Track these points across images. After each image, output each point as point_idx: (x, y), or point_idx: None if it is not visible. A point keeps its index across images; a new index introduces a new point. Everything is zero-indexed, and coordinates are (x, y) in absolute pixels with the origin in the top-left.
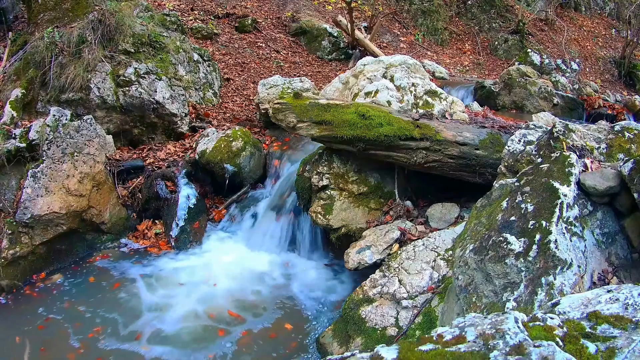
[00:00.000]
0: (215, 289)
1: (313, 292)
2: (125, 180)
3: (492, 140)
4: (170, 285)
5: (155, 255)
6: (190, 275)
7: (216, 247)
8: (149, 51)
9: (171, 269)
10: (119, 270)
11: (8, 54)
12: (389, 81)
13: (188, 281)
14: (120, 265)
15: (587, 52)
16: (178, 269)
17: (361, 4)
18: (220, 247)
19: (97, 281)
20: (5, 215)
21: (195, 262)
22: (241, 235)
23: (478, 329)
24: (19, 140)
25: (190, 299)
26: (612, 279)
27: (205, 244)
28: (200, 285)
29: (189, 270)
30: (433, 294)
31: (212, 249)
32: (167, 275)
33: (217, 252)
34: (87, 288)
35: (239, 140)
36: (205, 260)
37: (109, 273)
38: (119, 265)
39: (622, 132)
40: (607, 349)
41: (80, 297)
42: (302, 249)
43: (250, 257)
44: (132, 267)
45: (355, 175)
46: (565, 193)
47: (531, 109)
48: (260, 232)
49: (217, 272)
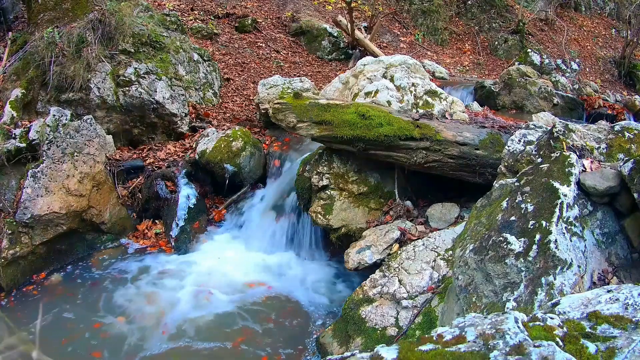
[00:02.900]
0: (215, 289)
1: (313, 292)
2: (125, 180)
3: (492, 140)
4: (170, 285)
5: (156, 255)
6: (190, 275)
7: (216, 247)
8: (149, 51)
9: (171, 268)
10: (119, 270)
11: (8, 54)
12: (389, 81)
13: (188, 281)
14: (120, 265)
15: (587, 52)
16: (178, 269)
17: (361, 4)
18: (220, 247)
19: (97, 281)
20: (5, 215)
21: (195, 262)
22: (241, 235)
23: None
24: (19, 140)
25: (190, 298)
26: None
27: (205, 244)
28: (200, 285)
29: (189, 270)
30: (433, 294)
31: (212, 249)
32: (167, 275)
33: (217, 252)
34: (87, 288)
35: (239, 140)
36: (205, 260)
37: (109, 273)
38: (119, 265)
39: (622, 132)
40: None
41: (80, 297)
42: (302, 249)
43: (250, 257)
44: (132, 267)
45: (355, 175)
46: (565, 193)
47: (531, 109)
48: (260, 232)
49: (217, 272)
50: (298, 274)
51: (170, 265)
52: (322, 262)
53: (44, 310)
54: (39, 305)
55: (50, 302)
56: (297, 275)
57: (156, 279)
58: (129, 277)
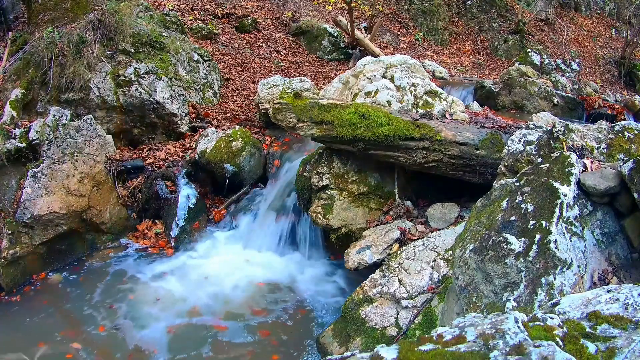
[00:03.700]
0: (214, 289)
1: (313, 292)
2: (125, 180)
3: (492, 140)
4: (170, 285)
5: (155, 255)
6: (190, 275)
7: (216, 247)
8: (149, 51)
9: (171, 268)
10: (119, 270)
11: (8, 54)
12: (389, 81)
13: (188, 281)
14: (120, 265)
15: (587, 52)
16: (178, 269)
17: (361, 4)
18: (220, 247)
19: (97, 281)
20: (5, 215)
21: (195, 262)
22: (241, 235)
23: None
24: (19, 140)
25: (190, 298)
26: (612, 279)
27: (205, 244)
28: (200, 284)
29: (189, 270)
30: (433, 294)
31: (212, 248)
32: (167, 275)
33: (216, 252)
34: (87, 288)
35: (239, 140)
36: (204, 260)
37: (109, 273)
38: (119, 265)
39: (622, 132)
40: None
41: (80, 297)
42: (302, 249)
43: (250, 257)
44: (132, 267)
45: (355, 175)
46: (565, 193)
47: (531, 109)
48: (260, 232)
49: (217, 272)
50: (298, 273)
51: (170, 265)
52: (322, 262)
53: (44, 310)
54: (39, 305)
55: (50, 302)
56: (296, 275)
57: (156, 279)
58: (129, 277)
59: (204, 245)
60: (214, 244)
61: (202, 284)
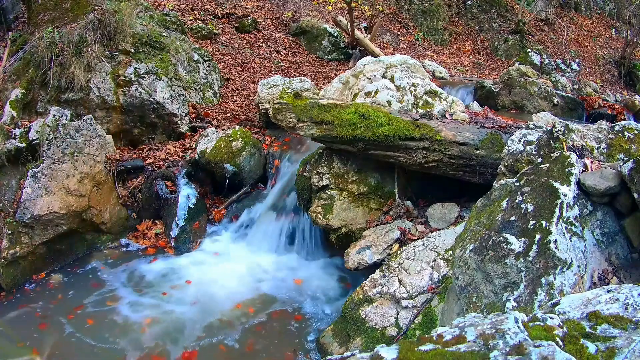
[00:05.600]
0: (214, 289)
1: (313, 292)
2: (125, 180)
3: (492, 140)
4: (169, 285)
5: (156, 255)
6: (190, 275)
7: (216, 247)
8: (149, 51)
9: (171, 268)
10: (119, 270)
11: (8, 54)
12: (389, 81)
13: (188, 281)
14: (120, 265)
15: (587, 52)
16: (178, 269)
17: (361, 4)
18: (220, 247)
19: (97, 281)
20: (5, 215)
21: (195, 262)
22: (241, 235)
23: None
24: (19, 140)
25: (189, 298)
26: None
27: (205, 244)
28: (200, 285)
29: (189, 270)
30: (433, 294)
31: (212, 248)
32: (166, 275)
33: (216, 252)
34: (87, 288)
35: (239, 140)
36: (204, 260)
37: (109, 273)
38: (119, 265)
39: (622, 132)
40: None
41: (80, 297)
42: (302, 249)
43: (250, 257)
44: (131, 267)
45: (355, 175)
46: (565, 193)
47: (531, 109)
48: (260, 232)
49: (217, 272)
50: (298, 273)
51: (170, 265)
52: (322, 262)
53: (44, 310)
54: (39, 305)
55: (50, 302)
56: (296, 275)
57: (156, 280)
58: (129, 277)
59: (204, 245)
60: (214, 244)
61: (202, 283)
